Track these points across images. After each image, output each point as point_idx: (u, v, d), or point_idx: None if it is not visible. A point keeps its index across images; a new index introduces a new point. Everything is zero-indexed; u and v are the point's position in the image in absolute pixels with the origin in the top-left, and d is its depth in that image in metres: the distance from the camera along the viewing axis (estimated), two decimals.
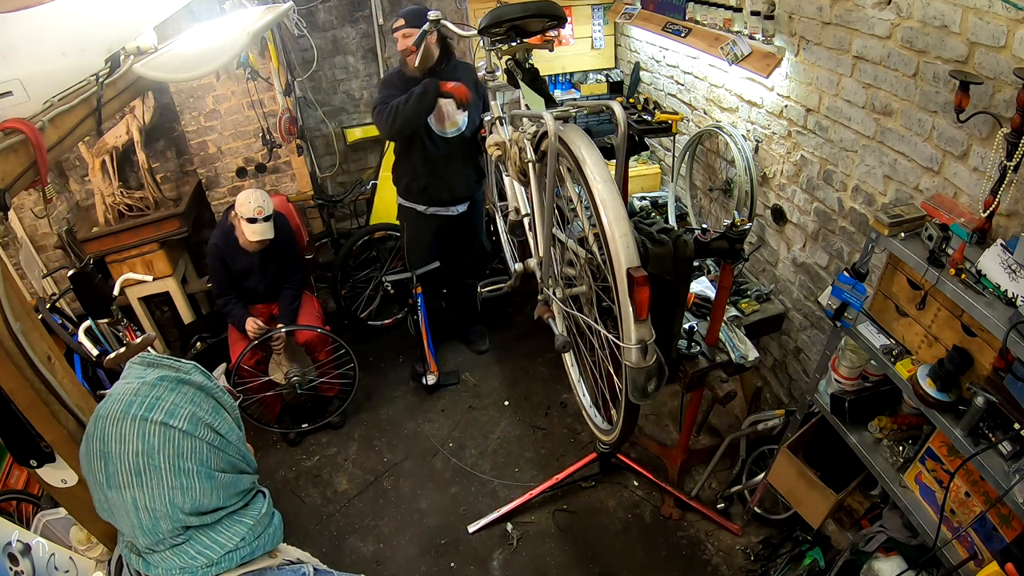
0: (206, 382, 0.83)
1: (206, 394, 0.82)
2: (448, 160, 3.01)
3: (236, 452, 0.83)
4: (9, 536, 1.33)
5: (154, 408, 0.76)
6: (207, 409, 0.80)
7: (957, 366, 1.45)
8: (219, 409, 0.83)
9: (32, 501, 2.12)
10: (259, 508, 0.84)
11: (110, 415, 0.76)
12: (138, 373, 0.81)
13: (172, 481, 0.74)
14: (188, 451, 0.76)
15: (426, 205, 3.13)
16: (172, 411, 0.76)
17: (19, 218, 3.52)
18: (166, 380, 0.79)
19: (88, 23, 1.27)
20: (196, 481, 0.76)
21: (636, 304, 1.35)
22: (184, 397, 0.79)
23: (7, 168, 1.02)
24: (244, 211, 2.81)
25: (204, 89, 3.46)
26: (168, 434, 0.75)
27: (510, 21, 2.05)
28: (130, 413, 0.75)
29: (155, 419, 0.75)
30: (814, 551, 2.24)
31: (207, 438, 0.78)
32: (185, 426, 0.76)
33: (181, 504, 0.75)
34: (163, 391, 0.78)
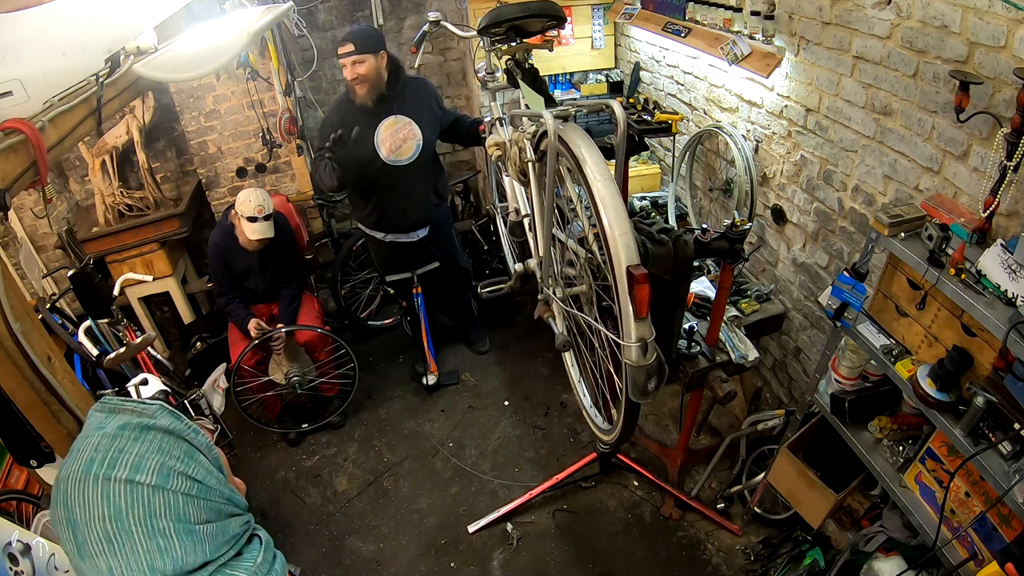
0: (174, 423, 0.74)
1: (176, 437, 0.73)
2: (403, 188, 2.89)
3: (218, 496, 0.74)
4: (9, 536, 1.33)
5: (117, 464, 0.67)
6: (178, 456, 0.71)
7: (957, 366, 1.45)
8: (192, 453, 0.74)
9: (32, 501, 2.12)
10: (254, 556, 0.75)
11: (70, 476, 0.67)
12: (97, 422, 0.72)
13: (148, 544, 0.66)
14: (161, 508, 0.67)
15: (384, 232, 3.05)
16: (137, 464, 0.68)
17: (19, 218, 3.52)
18: (128, 428, 0.71)
19: (88, 23, 1.27)
20: (175, 539, 0.68)
21: (636, 302, 1.35)
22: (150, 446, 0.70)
23: (7, 168, 1.02)
24: (244, 210, 2.81)
25: (204, 89, 3.47)
26: (136, 492, 0.67)
27: (510, 21, 2.05)
28: (91, 472, 0.67)
29: (119, 477, 0.67)
30: (814, 551, 2.24)
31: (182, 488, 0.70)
32: (154, 480, 0.68)
33: (162, 568, 0.67)
34: (125, 442, 0.69)
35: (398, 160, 2.83)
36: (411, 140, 2.83)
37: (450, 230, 3.36)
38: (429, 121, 2.88)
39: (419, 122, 2.83)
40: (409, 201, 2.95)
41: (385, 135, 2.78)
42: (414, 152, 2.84)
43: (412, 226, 3.06)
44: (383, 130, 2.77)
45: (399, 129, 2.80)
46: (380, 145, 2.78)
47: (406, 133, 2.81)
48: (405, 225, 3.04)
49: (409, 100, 2.81)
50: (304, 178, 3.82)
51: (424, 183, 2.99)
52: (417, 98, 2.85)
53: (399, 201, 2.92)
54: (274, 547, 0.81)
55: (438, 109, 2.96)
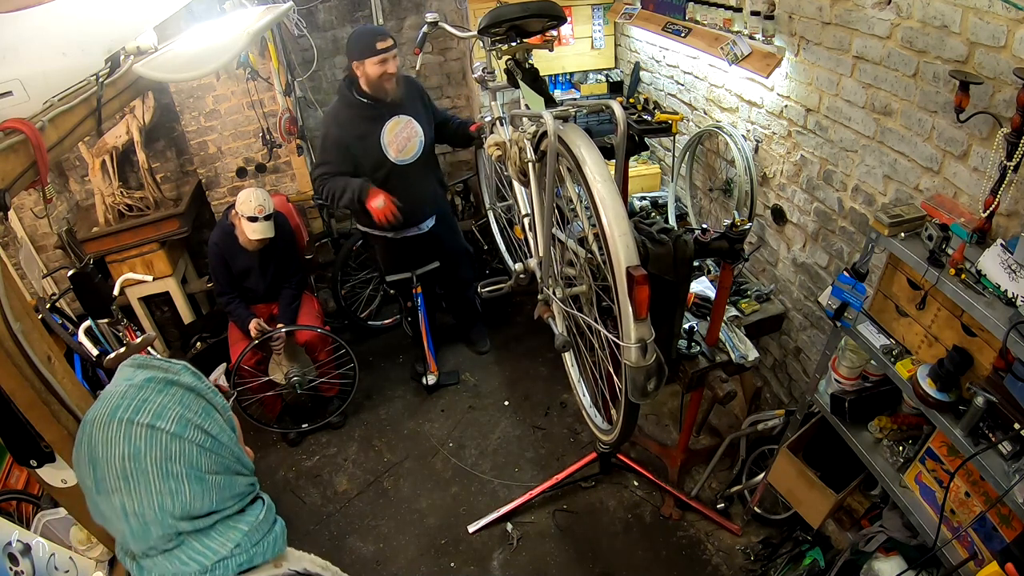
0: (196, 383, 0.81)
1: (196, 395, 0.80)
2: (414, 185, 2.92)
3: (229, 453, 0.80)
4: (9, 536, 1.33)
5: (141, 411, 0.74)
6: (196, 410, 0.78)
7: (957, 366, 1.45)
8: (210, 410, 0.81)
9: (32, 501, 2.12)
10: (256, 513, 0.82)
11: (97, 419, 0.74)
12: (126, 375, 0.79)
13: (160, 486, 0.72)
14: (176, 454, 0.74)
15: (395, 231, 3.03)
16: (159, 413, 0.74)
17: (19, 218, 3.52)
18: (154, 381, 0.77)
19: (88, 23, 1.27)
20: (186, 484, 0.74)
21: (636, 303, 1.35)
22: (172, 399, 0.77)
23: (7, 168, 1.02)
24: (245, 209, 2.81)
25: (204, 89, 3.46)
26: (155, 437, 0.73)
27: (510, 21, 2.05)
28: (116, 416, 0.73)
29: (142, 422, 0.73)
30: (814, 551, 2.24)
31: (197, 440, 0.76)
32: (173, 428, 0.74)
33: (171, 509, 0.73)
34: (150, 393, 0.76)
35: (405, 159, 2.87)
36: (414, 138, 2.87)
37: (453, 218, 3.42)
38: (425, 117, 2.93)
39: (418, 119, 2.87)
40: (419, 196, 3.00)
41: (391, 137, 2.81)
42: (418, 149, 2.90)
43: (423, 217, 3.11)
44: (388, 132, 2.80)
45: (403, 129, 2.83)
46: (388, 147, 2.81)
47: (409, 132, 2.85)
48: (418, 219, 3.08)
49: (406, 99, 2.83)
50: (304, 178, 3.82)
51: (429, 176, 3.06)
52: (412, 96, 2.89)
53: (409, 198, 2.93)
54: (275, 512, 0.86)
55: (429, 104, 3.01)
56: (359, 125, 2.74)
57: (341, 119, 2.75)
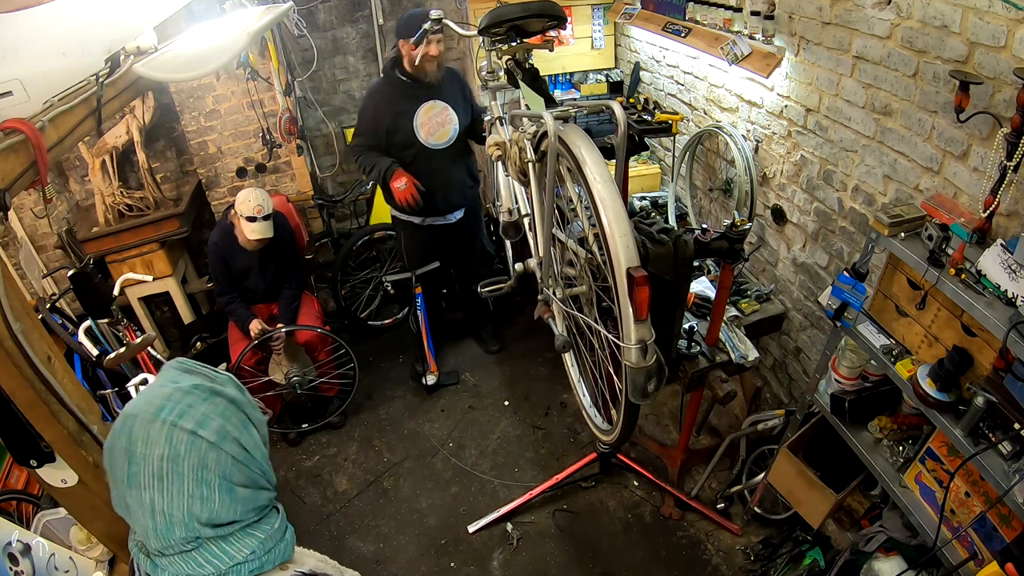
0: (239, 396, 0.83)
1: (237, 407, 0.82)
2: (441, 170, 2.99)
3: (259, 468, 0.83)
4: (9, 536, 1.33)
5: (185, 415, 0.76)
6: (236, 424, 0.80)
7: (957, 366, 1.45)
8: (248, 424, 0.83)
9: (32, 501, 2.12)
10: (272, 523, 0.84)
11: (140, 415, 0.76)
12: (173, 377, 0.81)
13: (193, 490, 0.75)
14: (213, 463, 0.76)
15: (423, 217, 3.11)
16: (202, 421, 0.76)
17: (19, 218, 3.51)
18: (200, 389, 0.79)
19: (88, 23, 1.27)
20: (216, 493, 0.76)
21: (636, 304, 1.35)
22: (216, 409, 0.79)
23: (7, 168, 1.02)
24: (244, 209, 2.81)
25: (204, 89, 3.46)
26: (195, 443, 0.75)
27: (510, 21, 2.05)
28: (160, 417, 0.75)
29: (185, 426, 0.75)
30: (814, 551, 2.24)
31: (233, 452, 0.78)
32: (213, 438, 0.76)
33: (199, 514, 0.75)
34: (196, 399, 0.78)
35: (436, 144, 2.94)
36: (448, 124, 2.93)
37: (480, 214, 3.45)
38: (463, 107, 2.97)
39: (455, 107, 2.93)
40: (446, 183, 3.04)
41: (424, 119, 2.88)
42: (451, 136, 2.95)
43: (449, 208, 3.14)
44: (422, 114, 2.88)
45: (437, 113, 2.90)
46: (419, 128, 2.88)
47: (443, 118, 2.92)
48: (443, 207, 3.11)
49: (446, 86, 2.90)
50: (304, 178, 3.82)
51: (460, 166, 3.09)
52: (453, 85, 2.95)
53: (437, 183, 3.00)
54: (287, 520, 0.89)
55: (469, 97, 3.05)
56: (396, 102, 2.85)
57: (380, 94, 2.90)
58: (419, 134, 2.89)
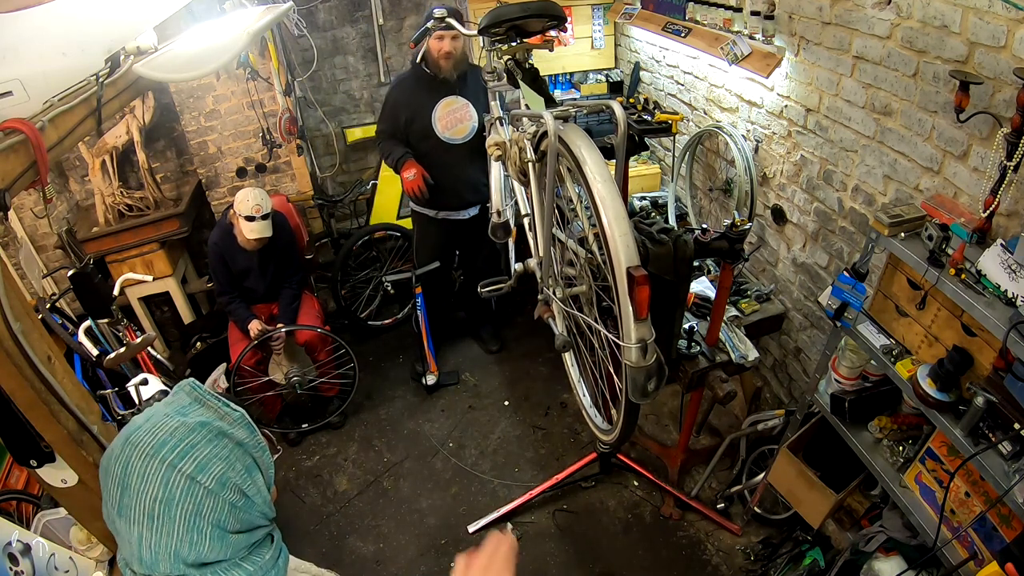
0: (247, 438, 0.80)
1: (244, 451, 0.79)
2: (457, 165, 3.02)
3: (258, 513, 0.80)
4: (9, 536, 1.33)
5: (186, 457, 0.73)
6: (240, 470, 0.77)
7: (957, 366, 1.45)
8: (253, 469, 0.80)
9: (32, 501, 2.12)
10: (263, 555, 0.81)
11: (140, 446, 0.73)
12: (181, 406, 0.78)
13: (183, 535, 0.73)
14: (208, 510, 0.74)
15: (436, 210, 3.15)
16: (203, 465, 0.74)
17: (19, 218, 3.51)
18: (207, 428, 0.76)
19: (88, 23, 1.27)
20: (207, 540, 0.74)
21: (636, 303, 1.35)
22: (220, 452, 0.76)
23: (7, 168, 1.02)
24: (242, 209, 2.81)
25: (204, 89, 3.46)
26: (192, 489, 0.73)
27: (510, 21, 2.05)
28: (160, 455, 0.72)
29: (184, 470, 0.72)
30: (814, 551, 2.24)
31: (231, 499, 0.76)
32: (212, 485, 0.74)
33: (185, 556, 0.73)
34: (200, 439, 0.75)
35: (452, 138, 2.98)
36: (467, 121, 2.98)
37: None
38: (484, 106, 2.97)
39: (475, 105, 2.97)
40: (461, 178, 3.07)
41: (442, 113, 2.93)
42: (469, 133, 2.99)
43: (463, 204, 3.17)
44: (440, 108, 2.92)
45: (456, 109, 2.94)
46: (436, 122, 2.93)
47: (462, 114, 2.96)
48: (457, 203, 3.15)
49: (469, 84, 2.94)
50: (304, 178, 3.82)
51: (476, 163, 3.10)
52: (476, 84, 2.97)
53: (451, 177, 3.03)
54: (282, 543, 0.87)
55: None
56: (417, 93, 2.91)
57: (404, 84, 2.98)
58: (436, 127, 2.93)
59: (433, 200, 3.07)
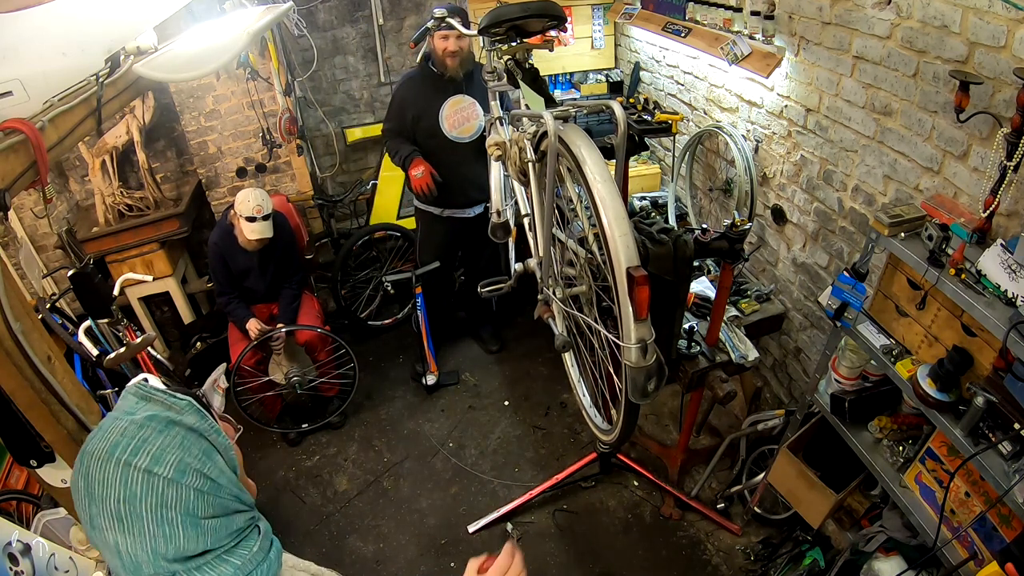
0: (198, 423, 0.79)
1: (198, 435, 0.78)
2: (463, 164, 3.03)
3: (228, 495, 0.79)
4: (9, 536, 1.33)
5: (139, 452, 0.72)
6: (196, 454, 0.76)
7: (957, 366, 1.45)
8: (211, 452, 0.79)
9: (32, 501, 2.12)
10: (250, 547, 0.80)
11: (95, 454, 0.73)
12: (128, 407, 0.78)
13: (155, 530, 0.72)
14: (173, 500, 0.73)
15: (442, 208, 3.16)
16: (158, 456, 0.73)
17: (19, 218, 3.52)
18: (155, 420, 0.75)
19: (88, 23, 1.27)
20: (180, 529, 0.73)
21: (636, 303, 1.35)
22: (173, 441, 0.75)
23: (7, 168, 1.02)
24: (243, 210, 2.81)
25: (204, 89, 3.46)
26: (152, 482, 0.72)
27: (510, 21, 2.05)
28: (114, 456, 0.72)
29: (139, 465, 0.72)
30: (814, 551, 2.24)
31: (195, 484, 0.75)
32: (171, 474, 0.73)
33: (164, 552, 0.72)
34: (150, 432, 0.74)
35: (459, 137, 2.99)
36: (473, 120, 2.98)
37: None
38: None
39: (483, 104, 2.96)
40: (467, 177, 3.07)
41: (449, 112, 2.93)
42: (475, 131, 3.00)
43: (469, 202, 3.18)
44: (448, 107, 2.93)
45: (463, 108, 2.94)
46: (443, 120, 2.94)
47: (469, 113, 2.96)
48: (462, 201, 3.16)
49: (476, 83, 2.94)
50: (304, 178, 3.82)
51: (482, 162, 3.08)
52: (482, 83, 2.94)
53: (458, 176, 3.04)
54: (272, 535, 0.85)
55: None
56: (424, 92, 2.92)
57: (411, 82, 2.97)
58: (443, 126, 2.94)
59: (439, 198, 3.08)
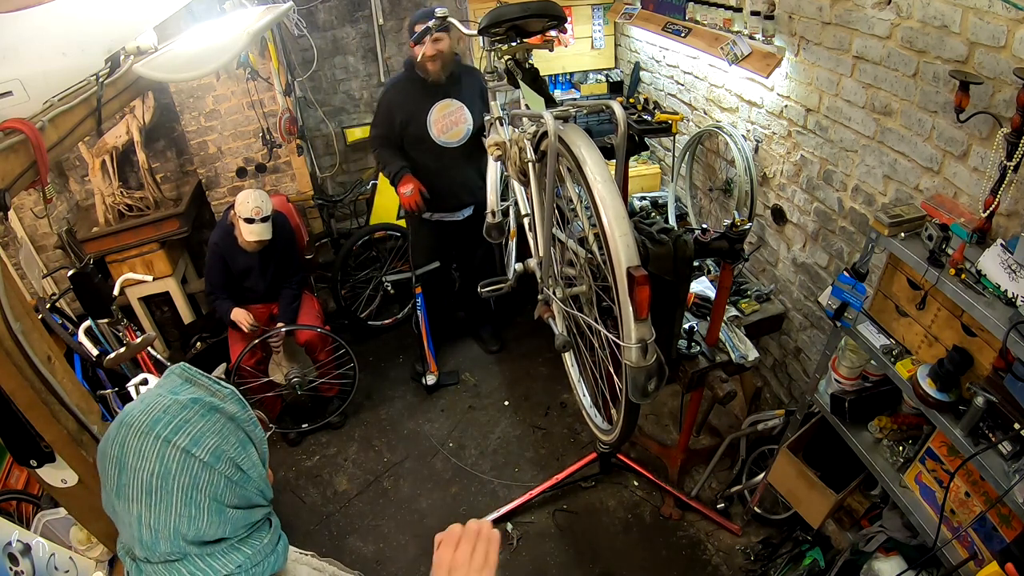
0: (239, 412, 0.81)
1: (236, 425, 0.80)
2: (452, 168, 3.02)
3: (254, 488, 0.81)
4: (9, 536, 1.33)
5: (180, 431, 0.74)
6: (233, 443, 0.78)
7: (957, 366, 1.45)
8: (246, 443, 0.80)
9: (32, 501, 2.12)
10: (262, 537, 0.82)
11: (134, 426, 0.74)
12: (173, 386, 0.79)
13: (181, 509, 0.73)
14: (204, 483, 0.74)
15: (431, 212, 3.15)
16: (197, 439, 0.75)
17: (19, 218, 3.52)
18: (199, 403, 0.77)
19: (88, 23, 1.27)
20: (205, 514, 0.75)
21: (636, 303, 1.35)
22: (213, 426, 0.77)
23: (7, 168, 1.02)
24: (242, 211, 2.81)
25: (204, 89, 3.46)
26: (188, 462, 0.73)
27: (510, 21, 2.05)
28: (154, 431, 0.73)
29: (178, 444, 0.73)
30: (814, 551, 2.24)
31: (227, 472, 0.76)
32: (207, 457, 0.75)
33: (185, 532, 0.74)
34: (193, 415, 0.76)
35: (448, 141, 2.97)
36: (461, 124, 2.96)
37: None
38: (479, 107, 2.99)
39: (470, 107, 2.96)
40: (456, 181, 3.07)
41: (437, 116, 2.92)
42: (464, 135, 2.98)
43: (458, 205, 3.18)
44: (436, 111, 2.91)
45: (451, 112, 2.93)
46: (432, 125, 2.92)
47: (457, 116, 2.95)
48: (452, 204, 3.15)
49: (463, 86, 2.94)
50: (304, 178, 3.82)
51: (470, 165, 3.11)
52: (470, 85, 2.97)
53: (446, 180, 3.04)
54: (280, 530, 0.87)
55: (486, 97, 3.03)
56: (412, 97, 2.90)
57: (398, 87, 2.94)
58: (431, 131, 2.93)
59: (429, 202, 3.07)
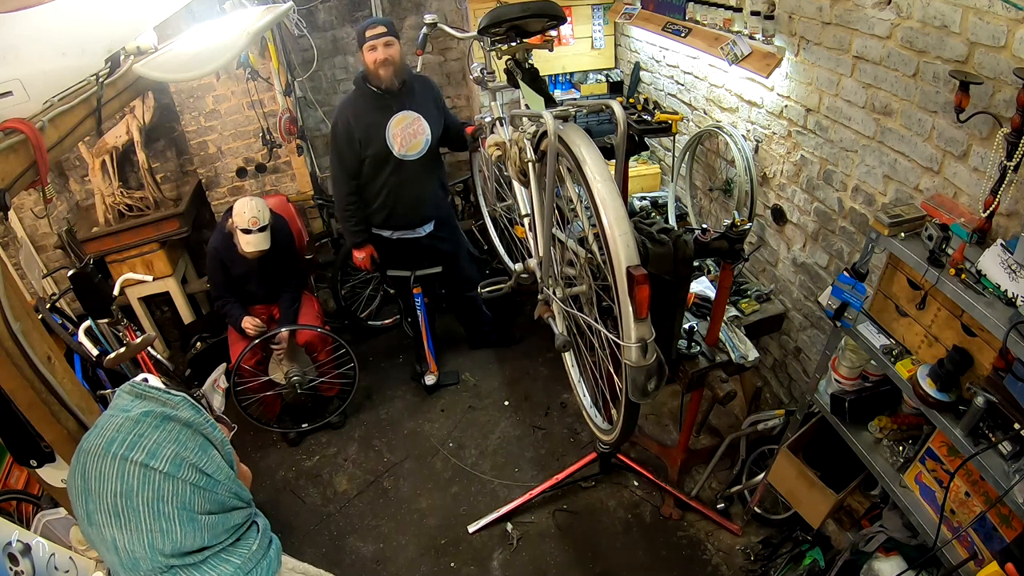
0: (194, 417, 0.79)
1: (193, 431, 0.78)
2: (413, 182, 2.94)
3: (225, 490, 0.79)
4: (9, 536, 1.33)
5: (135, 447, 0.73)
6: (192, 448, 0.76)
7: (957, 366, 1.45)
8: (207, 447, 0.79)
9: (32, 501, 2.12)
10: (250, 544, 0.80)
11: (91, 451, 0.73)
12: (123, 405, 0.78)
13: (152, 524, 0.72)
14: (169, 494, 0.73)
15: (391, 231, 3.08)
16: (154, 451, 0.73)
17: (19, 218, 3.52)
18: (150, 416, 0.76)
19: (88, 23, 1.27)
20: (177, 524, 0.73)
21: (636, 303, 1.35)
22: (168, 435, 0.75)
23: (7, 168, 1.02)
24: (239, 222, 2.79)
25: (204, 89, 3.47)
26: (148, 476, 0.72)
27: (510, 21, 2.05)
28: (111, 451, 0.72)
29: (135, 459, 0.72)
30: (814, 551, 2.24)
31: (191, 479, 0.75)
32: (167, 468, 0.73)
33: (161, 547, 0.72)
34: (146, 428, 0.74)
35: (408, 155, 2.88)
36: (420, 135, 2.88)
37: (455, 221, 3.40)
38: (435, 116, 2.93)
39: (427, 117, 2.89)
40: (418, 195, 3.00)
41: (396, 131, 2.83)
42: (423, 147, 2.90)
43: (421, 220, 3.10)
44: (394, 126, 2.83)
45: (409, 124, 2.85)
46: (392, 141, 2.83)
47: (416, 128, 2.87)
48: (414, 220, 3.08)
49: (418, 96, 2.87)
50: (304, 178, 3.82)
51: (431, 177, 3.05)
52: (425, 95, 2.91)
53: (408, 195, 2.96)
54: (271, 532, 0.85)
55: (442, 107, 3.02)
56: (368, 114, 2.79)
57: (351, 108, 2.82)
58: (392, 146, 2.82)
59: (389, 221, 3.02)
